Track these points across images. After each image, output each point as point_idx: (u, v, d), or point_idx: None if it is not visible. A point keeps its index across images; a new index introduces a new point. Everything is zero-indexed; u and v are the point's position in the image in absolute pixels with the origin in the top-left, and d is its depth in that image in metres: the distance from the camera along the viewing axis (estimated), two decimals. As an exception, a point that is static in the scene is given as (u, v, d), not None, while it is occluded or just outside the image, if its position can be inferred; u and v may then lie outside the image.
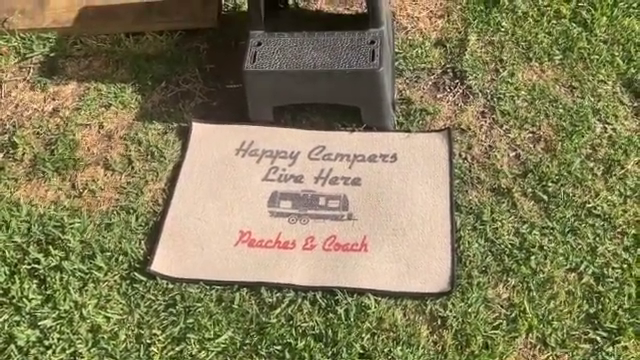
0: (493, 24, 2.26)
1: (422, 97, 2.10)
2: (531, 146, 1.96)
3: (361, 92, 1.95)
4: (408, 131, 2.01)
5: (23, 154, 2.07)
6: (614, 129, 1.98)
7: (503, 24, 2.26)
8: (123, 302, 1.73)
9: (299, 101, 2.02)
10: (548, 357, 1.58)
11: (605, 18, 2.24)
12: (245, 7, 2.39)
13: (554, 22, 2.26)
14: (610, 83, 2.09)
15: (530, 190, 1.86)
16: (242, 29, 2.16)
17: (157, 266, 1.77)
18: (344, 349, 1.60)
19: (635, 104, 2.04)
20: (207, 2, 2.35)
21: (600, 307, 1.64)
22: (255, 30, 2.02)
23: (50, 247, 1.82)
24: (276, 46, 1.99)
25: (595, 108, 2.02)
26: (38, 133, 2.12)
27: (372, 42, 1.96)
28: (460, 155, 1.95)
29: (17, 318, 1.71)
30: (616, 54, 2.15)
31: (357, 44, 1.96)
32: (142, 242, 1.83)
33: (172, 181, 1.96)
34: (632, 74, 2.10)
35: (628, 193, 1.84)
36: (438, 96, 2.11)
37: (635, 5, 2.27)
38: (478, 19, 2.28)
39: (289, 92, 1.99)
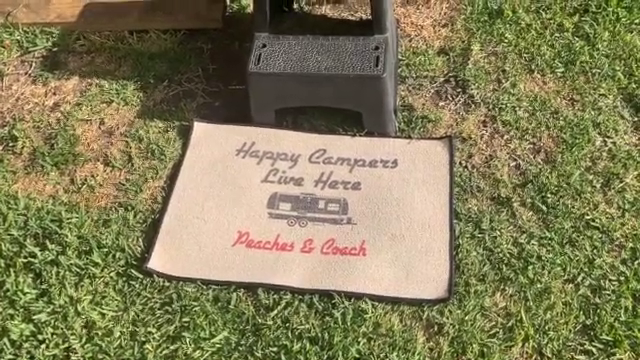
0: (496, 35, 2.27)
1: (424, 104, 2.11)
2: (531, 157, 1.97)
3: (364, 97, 1.96)
4: (409, 137, 2.02)
5: (22, 147, 2.06)
6: (614, 143, 1.99)
7: (506, 35, 2.27)
8: (119, 299, 1.72)
9: (302, 104, 2.03)
10: (543, 367, 1.59)
11: (607, 33, 2.25)
12: (250, 9, 2.39)
13: (557, 35, 2.27)
14: (611, 97, 2.10)
15: (529, 200, 1.86)
16: (246, 30, 2.17)
17: (154, 264, 1.76)
18: (340, 353, 1.60)
19: (635, 119, 2.05)
20: (212, 2, 2.35)
21: (596, 319, 1.65)
22: (260, 32, 2.02)
23: (47, 241, 1.82)
24: (281, 49, 1.99)
25: (595, 121, 2.03)
26: (38, 127, 2.11)
27: (376, 48, 1.97)
28: (460, 163, 1.96)
29: (11, 311, 1.70)
30: (617, 69, 2.17)
31: (361, 49, 1.97)
32: (140, 239, 1.83)
33: (172, 179, 1.95)
34: (633, 89, 2.11)
35: (626, 207, 1.84)
36: (440, 104, 2.11)
37: (637, 22, 2.29)
38: (482, 29, 2.29)
39: (292, 95, 1.99)
